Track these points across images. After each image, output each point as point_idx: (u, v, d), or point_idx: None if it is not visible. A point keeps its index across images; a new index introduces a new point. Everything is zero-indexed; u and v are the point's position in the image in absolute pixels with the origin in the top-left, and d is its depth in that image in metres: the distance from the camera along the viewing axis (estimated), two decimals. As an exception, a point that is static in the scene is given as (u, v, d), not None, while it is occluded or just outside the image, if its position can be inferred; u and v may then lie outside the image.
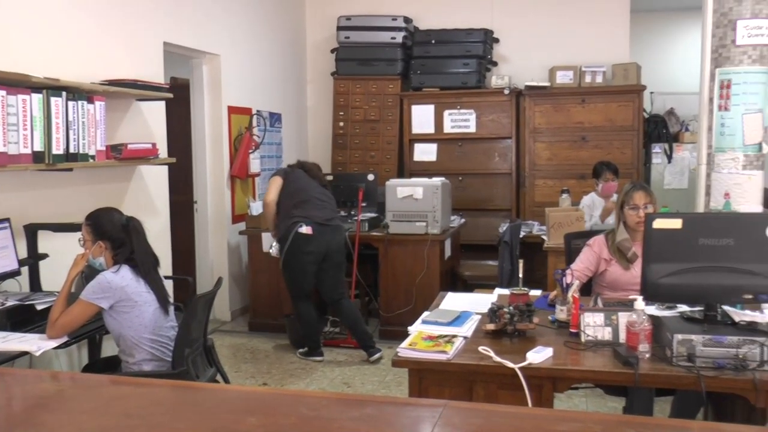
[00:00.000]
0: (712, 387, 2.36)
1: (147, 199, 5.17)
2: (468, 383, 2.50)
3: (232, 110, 6.45)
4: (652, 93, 8.45)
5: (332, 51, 7.54)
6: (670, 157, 7.56)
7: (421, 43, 7.28)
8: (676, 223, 2.60)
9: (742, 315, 2.63)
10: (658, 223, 2.59)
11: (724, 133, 4.28)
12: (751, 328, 2.49)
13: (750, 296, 2.63)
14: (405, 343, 2.61)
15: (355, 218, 5.89)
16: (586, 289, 3.54)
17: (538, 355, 2.45)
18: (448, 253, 5.90)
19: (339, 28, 7.38)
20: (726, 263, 2.59)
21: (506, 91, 6.97)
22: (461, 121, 7.12)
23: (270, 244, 5.49)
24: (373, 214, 6.04)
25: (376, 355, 5.20)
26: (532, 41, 7.33)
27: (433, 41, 7.21)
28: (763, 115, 4.22)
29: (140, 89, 4.62)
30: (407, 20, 7.27)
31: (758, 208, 4.26)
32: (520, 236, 5.75)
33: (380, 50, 7.28)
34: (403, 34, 7.19)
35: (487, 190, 7.12)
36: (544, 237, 5.26)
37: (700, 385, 2.33)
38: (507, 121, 7.02)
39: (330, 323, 5.93)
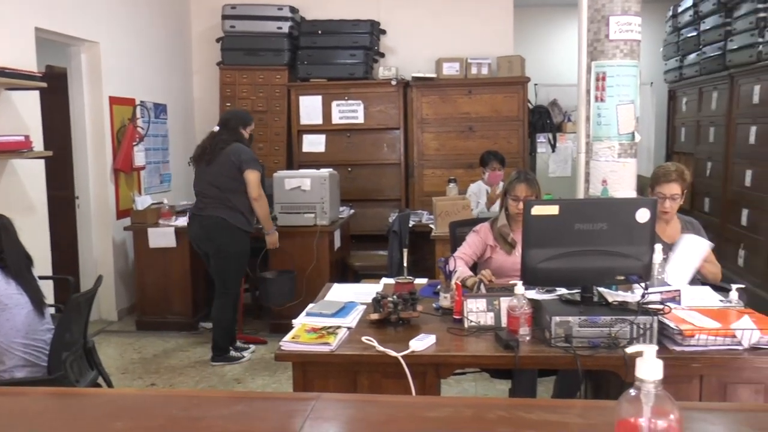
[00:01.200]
0: (588, 365, 2.46)
1: (21, 195, 4.90)
2: (352, 374, 2.50)
3: (114, 101, 6.20)
4: (536, 85, 8.73)
5: (218, 40, 7.37)
6: (554, 147, 7.83)
7: (307, 34, 7.22)
8: (553, 210, 2.67)
9: (615, 295, 2.74)
10: (536, 210, 2.66)
11: (600, 123, 4.44)
12: (622, 308, 2.61)
13: (622, 277, 2.75)
14: (288, 337, 2.58)
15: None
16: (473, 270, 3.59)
17: (421, 343, 2.48)
18: (337, 244, 5.89)
19: (224, 17, 7.21)
20: (600, 247, 2.70)
21: (393, 82, 7.01)
22: (349, 112, 7.12)
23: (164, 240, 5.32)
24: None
25: (218, 363, 5.09)
26: (419, 33, 7.41)
27: (319, 32, 7.17)
28: (635, 105, 4.42)
29: (9, 77, 4.37)
30: (293, 10, 7.19)
31: (632, 194, 4.45)
32: (410, 225, 5.80)
33: (266, 40, 7.17)
34: (289, 24, 7.10)
35: (377, 180, 7.16)
36: (432, 226, 5.33)
37: (576, 364, 2.42)
38: (395, 112, 7.07)
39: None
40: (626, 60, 4.35)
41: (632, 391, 1.20)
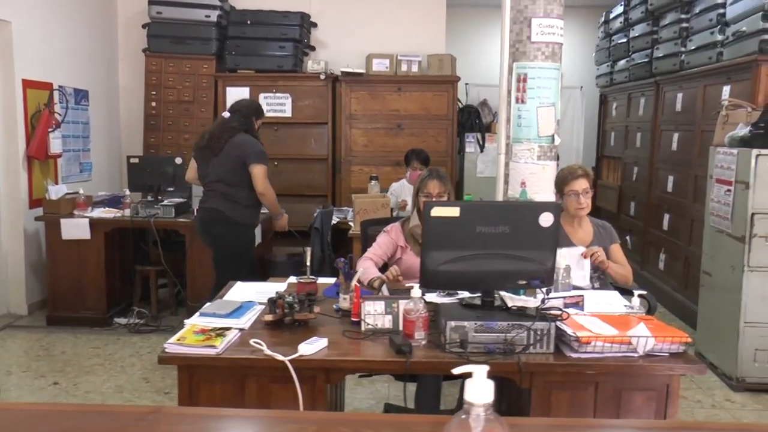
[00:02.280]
0: (482, 371, 2.40)
1: None
2: (239, 378, 2.40)
3: (27, 84, 5.94)
4: (467, 84, 8.74)
5: (144, 26, 7.14)
6: (482, 147, 7.84)
7: (236, 23, 7.06)
8: (454, 212, 2.62)
9: (515, 300, 2.71)
10: (436, 211, 2.61)
11: (521, 125, 4.42)
12: (521, 313, 2.57)
13: (524, 282, 2.72)
14: (173, 338, 2.46)
15: (162, 204, 5.63)
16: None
17: (311, 347, 2.39)
18: (258, 239, 5.75)
19: (150, 2, 6.99)
20: (502, 250, 2.65)
21: (322, 77, 6.92)
22: (277, 105, 6.99)
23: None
24: (181, 200, 5.79)
25: None
26: (350, 28, 7.33)
27: (248, 22, 7.02)
28: (555, 108, 4.41)
29: None
30: (223, -1, 7.03)
31: (551, 197, 4.45)
32: (334, 222, 5.72)
33: (194, 28, 6.98)
34: (218, 12, 6.93)
35: (303, 175, 7.05)
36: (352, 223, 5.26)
37: (470, 371, 2.37)
38: (323, 107, 6.98)
39: (136, 314, 5.66)
40: (547, 62, 4.34)
41: (462, 415, 1.14)
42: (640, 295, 2.95)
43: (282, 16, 7.00)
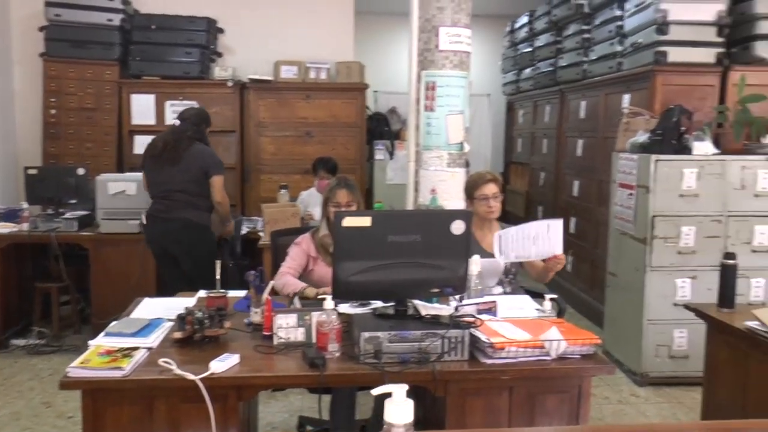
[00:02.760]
0: (397, 381, 2.38)
1: None
2: (148, 400, 2.30)
3: None
4: (375, 92, 8.77)
5: (41, 29, 6.82)
6: (392, 154, 7.88)
7: (140, 28, 6.83)
8: (365, 221, 2.60)
9: (429, 308, 2.71)
10: (347, 222, 2.58)
11: (430, 132, 4.46)
12: (435, 322, 2.57)
13: (437, 290, 2.72)
14: (77, 362, 2.33)
15: (64, 217, 5.39)
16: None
17: (222, 364, 2.32)
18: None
19: (47, 4, 6.67)
20: (414, 259, 2.65)
21: (230, 84, 6.78)
22: (184, 113, 6.81)
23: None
24: (83, 212, 5.56)
25: None
26: (258, 34, 7.21)
27: (153, 27, 6.80)
28: (464, 116, 4.47)
29: None
30: (125, 2, 6.77)
31: (461, 204, 4.50)
32: (243, 232, 5.61)
33: (96, 32, 6.70)
34: (120, 16, 6.68)
35: (212, 184, 6.87)
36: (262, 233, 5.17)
37: (384, 381, 2.34)
38: (231, 114, 6.84)
39: (36, 334, 5.39)
40: (456, 71, 4.40)
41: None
42: (551, 299, 3.01)
43: (188, 21, 6.83)
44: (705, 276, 4.62)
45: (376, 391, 1.20)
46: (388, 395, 1.31)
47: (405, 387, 1.12)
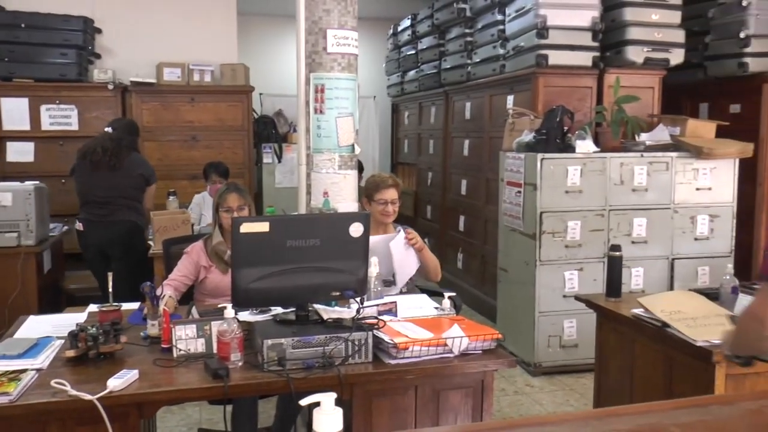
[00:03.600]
0: (303, 388, 2.36)
1: None
2: (40, 426, 2.16)
3: None
4: (261, 94, 8.67)
5: None
6: (280, 157, 7.82)
7: (8, 27, 6.38)
8: (263, 227, 2.56)
9: (330, 312, 2.70)
10: (246, 228, 2.53)
11: (320, 135, 4.44)
12: (337, 325, 2.56)
13: (338, 293, 2.72)
14: (-44, 388, 2.18)
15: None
16: (186, 298, 3.38)
17: (121, 381, 2.22)
18: (48, 266, 5.32)
19: None
20: (314, 263, 2.64)
21: (111, 87, 6.53)
22: (61, 117, 6.49)
23: None
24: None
25: None
26: (138, 35, 6.97)
27: (23, 25, 6.41)
28: (354, 118, 4.48)
29: None
30: (-12, -1, 6.39)
31: (354, 205, 4.51)
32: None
33: (-43, 31, 6.28)
34: (-17, 14, 6.29)
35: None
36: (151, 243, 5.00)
37: (290, 387, 2.32)
38: (113, 119, 6.57)
39: None
40: (344, 73, 4.40)
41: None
42: (449, 296, 3.06)
43: (62, 20, 6.48)
44: (591, 267, 4.85)
45: (305, 401, 1.18)
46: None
47: (333, 395, 1.11)
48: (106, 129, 5.23)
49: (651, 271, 5.02)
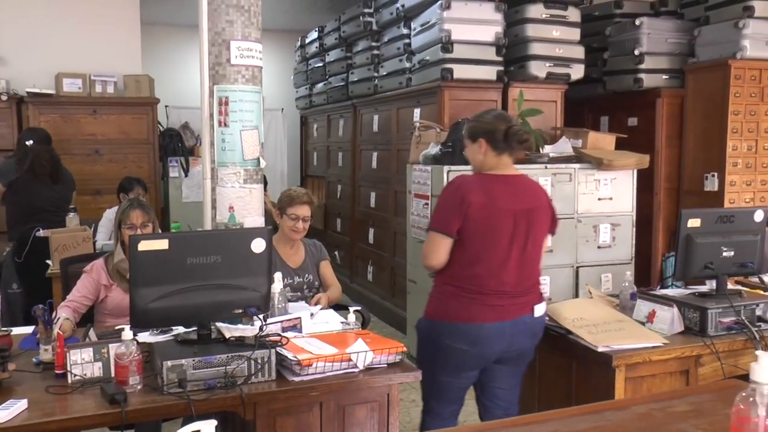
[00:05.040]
0: (204, 409, 2.30)
1: None
2: None
3: None
4: (167, 107, 8.48)
5: None
6: (186, 171, 7.65)
7: None
8: (162, 244, 2.49)
9: (233, 330, 2.65)
10: (144, 245, 2.46)
11: (225, 149, 4.37)
12: (239, 343, 2.51)
13: (241, 310, 2.67)
14: None
15: None
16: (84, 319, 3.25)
17: (7, 412, 2.10)
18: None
19: None
20: (215, 280, 2.58)
21: (4, 97, 6.26)
22: (-51, 131, 6.18)
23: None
24: None
25: None
26: (35, 43, 6.70)
27: None
28: (259, 131, 4.43)
29: None
30: None
31: (260, 220, 4.46)
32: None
33: None
34: None
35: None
36: (49, 262, 4.78)
37: (191, 410, 2.26)
38: (7, 131, 6.32)
39: None
40: (248, 85, 4.35)
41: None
42: (355, 311, 3.05)
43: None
44: (498, 277, 4.92)
45: (183, 431, 1.14)
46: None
47: (213, 423, 1.07)
48: (27, 142, 5.28)
49: (557, 280, 5.15)
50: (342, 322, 3.05)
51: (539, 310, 2.98)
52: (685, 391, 2.38)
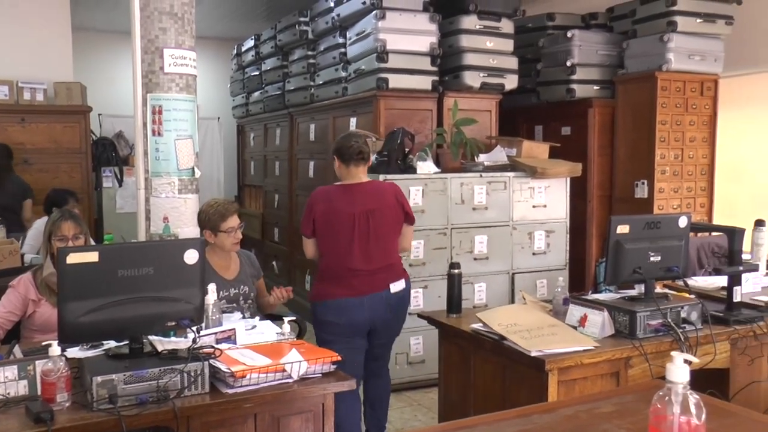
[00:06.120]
0: (136, 425, 2.26)
1: None
2: None
3: None
4: (100, 115, 8.31)
5: None
6: (120, 181, 7.51)
7: None
8: (92, 257, 2.43)
9: (165, 343, 2.61)
10: (73, 258, 2.40)
11: (159, 158, 4.31)
12: (172, 356, 2.48)
13: (173, 323, 2.63)
14: None
15: None
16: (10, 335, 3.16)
17: None
18: None
19: None
20: (147, 293, 2.53)
21: (-77, 106, 6.04)
22: None
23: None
24: None
25: None
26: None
27: None
28: (194, 140, 4.38)
29: None
30: None
31: (196, 231, 4.39)
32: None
33: None
34: None
35: None
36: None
37: (122, 426, 2.21)
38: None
39: None
40: (182, 94, 4.30)
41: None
42: (290, 321, 3.04)
43: None
44: (435, 285, 4.99)
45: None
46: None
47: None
48: None
49: (493, 286, 5.23)
50: (277, 333, 3.03)
51: (395, 287, 3.77)
52: (611, 393, 2.44)
